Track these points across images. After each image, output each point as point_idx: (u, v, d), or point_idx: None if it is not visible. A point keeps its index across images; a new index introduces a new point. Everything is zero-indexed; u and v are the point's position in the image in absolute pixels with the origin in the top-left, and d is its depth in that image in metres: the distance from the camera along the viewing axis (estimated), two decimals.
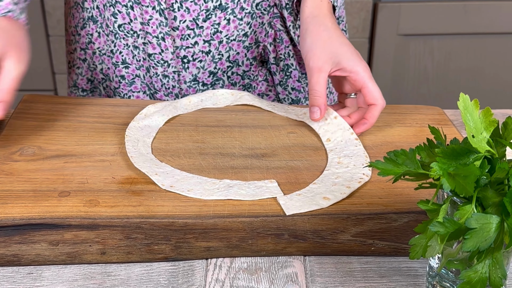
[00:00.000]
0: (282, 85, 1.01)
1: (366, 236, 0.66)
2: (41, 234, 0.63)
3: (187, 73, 0.98)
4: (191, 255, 0.66)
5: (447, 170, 0.51)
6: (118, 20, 0.95)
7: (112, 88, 1.02)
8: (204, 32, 0.95)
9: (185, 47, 0.96)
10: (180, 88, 0.99)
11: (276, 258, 0.67)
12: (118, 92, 1.01)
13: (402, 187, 0.69)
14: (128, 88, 1.01)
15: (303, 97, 1.03)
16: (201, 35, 0.95)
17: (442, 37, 2.04)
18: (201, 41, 0.95)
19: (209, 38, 0.95)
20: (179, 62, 0.97)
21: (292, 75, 1.01)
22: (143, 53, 0.97)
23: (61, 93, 2.13)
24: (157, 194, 0.68)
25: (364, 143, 0.80)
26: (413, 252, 0.52)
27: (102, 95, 1.04)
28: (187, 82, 0.99)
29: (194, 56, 0.96)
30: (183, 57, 0.96)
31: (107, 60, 1.00)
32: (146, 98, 1.01)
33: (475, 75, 2.11)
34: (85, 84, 1.04)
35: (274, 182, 0.69)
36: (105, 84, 1.02)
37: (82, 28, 1.00)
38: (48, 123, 0.83)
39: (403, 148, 0.54)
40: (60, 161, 0.74)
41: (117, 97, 1.02)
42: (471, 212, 0.49)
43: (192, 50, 0.96)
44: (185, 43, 0.95)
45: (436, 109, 0.91)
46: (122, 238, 0.64)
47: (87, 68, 1.03)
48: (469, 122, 0.53)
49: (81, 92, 1.05)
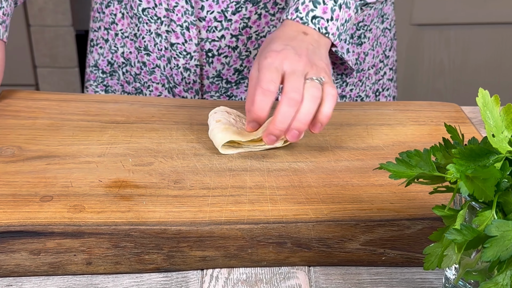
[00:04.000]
0: None
1: (376, 245, 0.66)
2: (21, 242, 0.63)
3: (210, 68, 0.99)
4: (185, 265, 0.66)
5: (465, 172, 0.51)
6: (143, 3, 0.96)
7: (132, 73, 1.04)
8: (233, 25, 0.95)
9: (211, 40, 0.97)
10: (202, 84, 1.00)
11: (278, 268, 0.67)
12: (139, 79, 1.03)
13: (416, 191, 0.69)
14: (148, 76, 1.02)
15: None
16: (229, 28, 0.96)
17: (460, 27, 2.04)
18: (229, 35, 0.96)
19: (237, 33, 0.96)
20: (203, 55, 0.98)
21: None
22: (165, 42, 0.98)
23: (43, 88, 2.13)
24: (147, 199, 0.68)
25: (374, 143, 0.80)
26: (428, 262, 0.52)
27: (121, 80, 1.06)
28: (209, 78, 1.00)
29: (219, 50, 0.97)
30: (208, 51, 0.97)
31: (130, 43, 1.02)
32: (164, 91, 1.03)
33: (495, 68, 2.11)
34: (105, 66, 1.07)
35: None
36: (125, 69, 1.04)
37: (106, 7, 1.02)
38: (29, 121, 0.83)
39: (417, 149, 0.54)
40: (42, 163, 0.74)
41: (137, 83, 1.04)
42: (491, 219, 0.49)
43: (218, 44, 0.97)
44: (211, 36, 0.96)
45: (453, 106, 0.91)
46: (109, 246, 0.64)
47: (108, 50, 1.05)
48: (488, 120, 0.53)
49: (101, 74, 1.07)
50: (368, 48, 1.05)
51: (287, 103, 0.73)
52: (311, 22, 0.81)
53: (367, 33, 1.04)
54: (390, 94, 1.13)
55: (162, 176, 0.72)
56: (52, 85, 2.14)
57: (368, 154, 0.78)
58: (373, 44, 1.06)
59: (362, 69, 1.06)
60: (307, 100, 0.74)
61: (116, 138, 0.80)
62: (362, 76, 1.06)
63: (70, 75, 2.13)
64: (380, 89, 1.11)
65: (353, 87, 1.06)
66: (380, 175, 0.73)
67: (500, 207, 0.50)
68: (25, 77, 2.11)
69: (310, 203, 0.68)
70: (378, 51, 1.08)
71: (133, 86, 1.05)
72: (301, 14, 0.81)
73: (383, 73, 1.10)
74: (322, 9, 0.81)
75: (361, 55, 1.04)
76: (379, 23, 1.06)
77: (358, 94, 1.07)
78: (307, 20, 0.81)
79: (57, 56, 2.09)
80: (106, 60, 1.06)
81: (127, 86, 1.05)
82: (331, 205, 0.68)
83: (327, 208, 0.67)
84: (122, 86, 1.06)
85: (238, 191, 0.70)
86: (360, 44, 1.03)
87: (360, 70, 1.05)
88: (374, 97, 1.10)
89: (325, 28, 0.81)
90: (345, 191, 0.70)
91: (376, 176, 0.73)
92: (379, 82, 1.10)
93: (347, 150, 0.79)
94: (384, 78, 1.11)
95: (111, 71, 1.06)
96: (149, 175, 0.72)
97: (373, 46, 1.06)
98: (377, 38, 1.06)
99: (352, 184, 0.72)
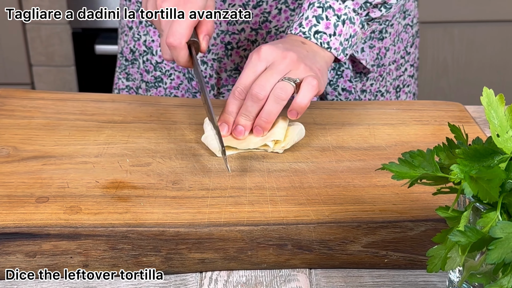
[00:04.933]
0: (332, 85, 1.02)
1: (378, 247, 0.66)
2: (17, 244, 0.63)
3: (228, 61, 1.00)
4: (183, 267, 0.66)
5: (469, 173, 0.51)
6: None
7: (153, 62, 1.05)
8: (253, 19, 0.97)
9: (231, 33, 0.98)
10: (219, 78, 1.01)
11: (279, 271, 0.67)
12: (160, 67, 1.04)
13: (419, 192, 0.69)
14: (171, 64, 1.04)
15: (353, 98, 1.04)
16: (249, 22, 0.97)
17: (464, 25, 2.04)
18: (248, 28, 0.98)
19: (257, 27, 0.98)
20: (222, 47, 0.99)
21: (344, 75, 1.02)
22: None
23: (38, 87, 2.13)
24: (145, 200, 0.68)
25: (377, 143, 0.80)
26: (431, 264, 0.52)
27: (140, 69, 1.07)
28: (227, 71, 1.01)
29: (238, 43, 0.99)
30: (227, 43, 0.99)
31: (153, 32, 1.03)
32: (185, 81, 1.04)
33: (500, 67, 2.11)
34: (128, 53, 1.08)
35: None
36: (146, 57, 1.05)
37: None
38: (24, 120, 0.83)
39: (420, 149, 0.54)
40: (37, 163, 0.74)
41: (157, 72, 1.05)
42: (496, 220, 0.49)
43: (238, 36, 0.98)
44: (231, 29, 0.98)
45: (457, 105, 0.91)
46: (106, 249, 0.64)
47: (131, 37, 1.06)
48: (493, 119, 0.53)
49: (124, 61, 1.10)
50: (389, 43, 1.06)
51: (249, 97, 0.78)
52: (313, 37, 0.83)
53: (389, 28, 1.04)
54: (410, 90, 1.14)
55: (160, 177, 0.72)
56: (48, 84, 2.14)
57: (370, 154, 0.78)
58: (394, 39, 1.06)
59: (382, 64, 1.06)
60: (270, 100, 0.77)
61: (114, 138, 0.80)
62: (382, 71, 1.07)
63: (67, 74, 2.13)
64: (400, 85, 1.11)
65: (373, 82, 1.06)
66: (382, 176, 0.73)
67: (505, 209, 0.50)
68: (20, 76, 2.11)
69: (311, 204, 0.68)
70: (399, 47, 1.08)
71: (153, 75, 1.06)
72: (304, 28, 0.83)
73: (404, 69, 1.11)
74: (325, 24, 0.83)
75: (382, 50, 1.05)
76: (400, 18, 1.06)
77: (378, 89, 1.08)
78: (309, 34, 0.83)
79: (53, 54, 2.10)
80: (129, 48, 1.08)
81: (146, 75, 1.07)
82: (332, 206, 0.68)
83: (329, 210, 0.67)
84: (141, 75, 1.08)
85: (238, 192, 0.70)
86: (382, 39, 1.04)
87: (381, 65, 1.06)
88: (395, 93, 1.11)
89: (327, 43, 0.83)
90: (347, 192, 0.70)
91: (379, 177, 0.73)
92: (400, 78, 1.11)
93: (349, 150, 0.79)
94: (405, 75, 1.12)
95: (133, 59, 1.08)
96: (147, 176, 0.72)
97: (394, 42, 1.06)
98: (399, 34, 1.07)
99: (354, 185, 0.72)
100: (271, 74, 0.78)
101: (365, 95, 1.07)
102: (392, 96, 1.10)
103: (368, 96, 1.07)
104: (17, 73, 2.10)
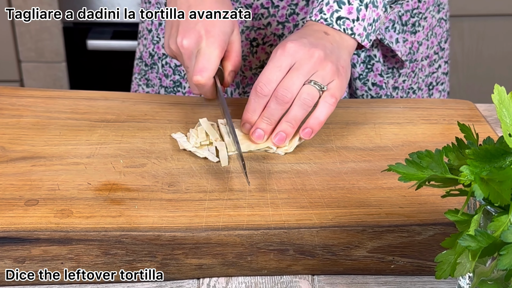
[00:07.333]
0: (362, 79, 1.02)
1: (384, 252, 0.66)
2: (5, 249, 0.63)
3: (254, 59, 1.00)
4: (180, 274, 0.66)
5: (480, 174, 0.51)
6: None
7: (172, 65, 1.05)
8: (279, 12, 0.97)
9: (256, 29, 0.98)
10: (244, 76, 1.01)
11: (280, 277, 0.67)
12: (179, 71, 1.04)
13: (427, 194, 0.69)
14: None
15: (384, 94, 1.03)
16: (276, 15, 0.97)
17: (474, 19, 2.04)
18: (275, 22, 0.97)
19: (283, 20, 0.97)
20: (247, 44, 0.99)
21: (374, 68, 1.01)
22: None
23: (27, 85, 2.13)
24: (140, 203, 0.68)
25: (383, 143, 0.80)
26: (440, 270, 0.52)
27: (159, 73, 1.07)
28: (252, 69, 1.01)
29: (264, 39, 0.99)
30: (252, 40, 0.99)
31: None
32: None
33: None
34: (147, 58, 1.08)
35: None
36: (165, 60, 1.06)
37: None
38: (13, 119, 0.83)
39: (428, 149, 0.54)
40: (27, 164, 0.74)
41: (176, 76, 1.05)
42: (508, 224, 0.49)
43: (264, 32, 0.98)
44: (257, 24, 0.98)
45: (467, 103, 0.91)
46: (99, 254, 0.64)
47: (150, 41, 1.07)
48: (505, 118, 0.53)
49: (144, 67, 1.10)
50: (422, 37, 1.05)
51: (274, 100, 0.77)
52: (335, 23, 0.82)
53: (422, 21, 1.04)
54: (444, 89, 1.13)
55: (155, 179, 0.72)
56: (37, 81, 2.14)
57: (376, 155, 0.79)
58: (428, 34, 1.06)
59: (415, 60, 1.06)
60: (295, 104, 0.77)
61: (106, 138, 0.80)
62: (415, 67, 1.06)
63: (57, 71, 2.13)
64: (434, 83, 1.11)
65: (405, 78, 1.06)
66: (388, 178, 0.73)
67: None
68: (8, 72, 2.11)
69: (314, 208, 0.68)
70: (433, 42, 1.08)
71: (172, 79, 1.06)
72: (325, 15, 0.82)
73: (437, 66, 1.11)
74: (348, 9, 0.82)
75: (414, 45, 1.04)
76: (435, 12, 1.06)
77: (410, 86, 1.07)
78: (331, 21, 0.82)
79: (43, 50, 2.10)
80: (148, 51, 1.08)
81: (165, 80, 1.07)
82: (336, 209, 0.68)
83: (332, 213, 0.67)
84: (160, 80, 1.08)
85: (237, 194, 0.70)
86: (414, 32, 1.03)
87: (413, 60, 1.06)
88: (427, 91, 1.11)
89: (350, 29, 0.82)
90: (351, 195, 0.70)
91: (385, 179, 0.73)
92: (433, 75, 1.11)
93: (353, 150, 0.79)
94: (438, 72, 1.11)
95: (152, 64, 1.08)
96: (142, 178, 0.72)
97: (427, 36, 1.06)
98: (432, 28, 1.07)
99: (358, 187, 0.72)
100: (297, 76, 0.77)
101: (397, 92, 1.06)
102: (424, 93, 1.09)
103: (400, 94, 1.06)
104: (5, 69, 2.10)
